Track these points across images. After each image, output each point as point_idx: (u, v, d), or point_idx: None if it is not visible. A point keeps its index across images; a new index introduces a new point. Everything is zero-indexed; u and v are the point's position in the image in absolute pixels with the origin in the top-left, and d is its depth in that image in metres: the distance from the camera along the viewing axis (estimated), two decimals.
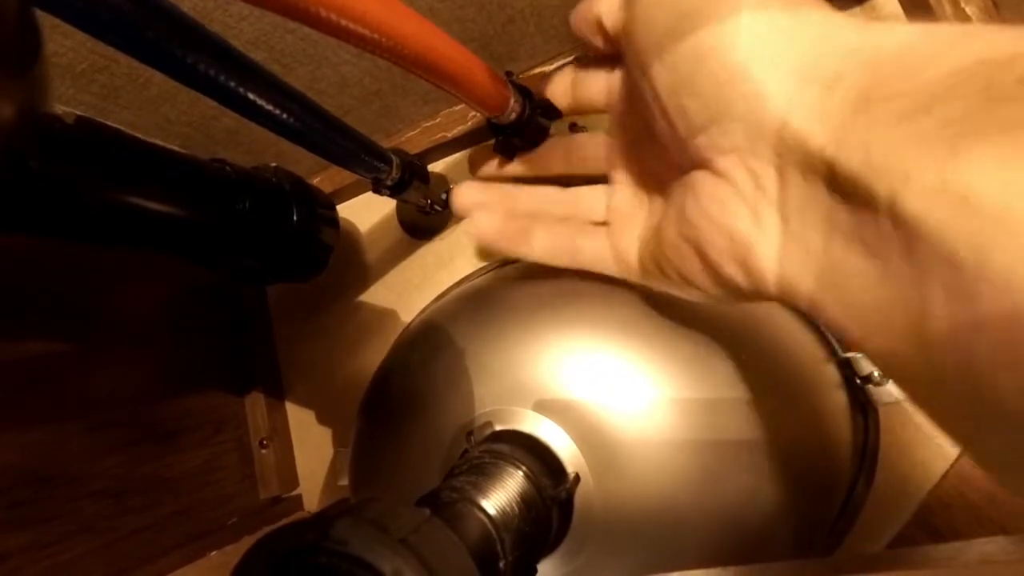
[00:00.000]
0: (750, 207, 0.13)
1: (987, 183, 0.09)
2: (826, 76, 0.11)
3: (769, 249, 0.13)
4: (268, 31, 0.27)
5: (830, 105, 0.11)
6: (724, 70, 0.13)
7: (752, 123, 0.12)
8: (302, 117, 0.21)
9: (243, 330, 0.43)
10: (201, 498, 0.37)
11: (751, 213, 0.13)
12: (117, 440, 0.32)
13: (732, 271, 0.14)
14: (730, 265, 0.14)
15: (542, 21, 0.31)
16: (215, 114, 0.33)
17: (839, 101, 0.11)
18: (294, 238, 0.32)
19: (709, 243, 0.15)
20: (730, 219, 0.14)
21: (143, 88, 0.29)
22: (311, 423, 0.43)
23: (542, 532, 0.18)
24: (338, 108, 0.23)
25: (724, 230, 0.14)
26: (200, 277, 0.41)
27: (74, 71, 0.26)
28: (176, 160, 0.25)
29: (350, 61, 0.31)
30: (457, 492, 0.17)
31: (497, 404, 0.22)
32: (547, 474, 0.19)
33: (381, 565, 0.10)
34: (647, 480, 0.19)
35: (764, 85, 0.12)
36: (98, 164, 0.21)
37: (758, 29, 0.12)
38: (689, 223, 0.15)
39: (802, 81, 0.12)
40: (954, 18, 0.26)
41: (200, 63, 0.15)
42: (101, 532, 0.31)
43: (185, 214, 0.25)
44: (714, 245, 0.14)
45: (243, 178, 0.29)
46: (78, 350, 0.32)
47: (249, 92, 0.17)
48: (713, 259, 0.15)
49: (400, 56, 0.16)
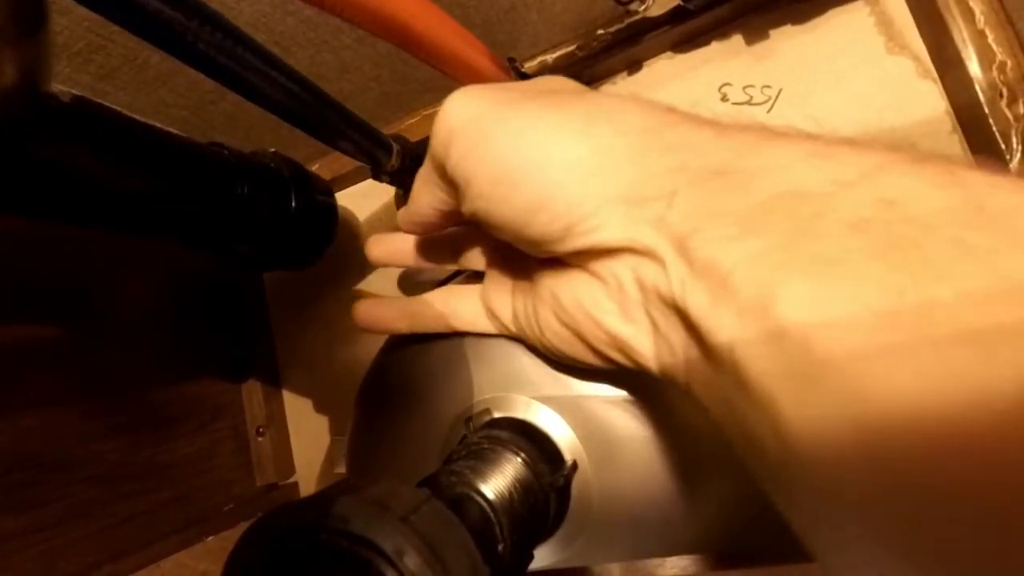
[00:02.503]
0: (619, 305, 0.14)
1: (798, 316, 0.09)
2: (654, 196, 0.12)
3: (643, 344, 0.14)
4: (268, 12, 0.27)
5: (662, 226, 0.12)
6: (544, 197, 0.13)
7: (597, 240, 0.13)
8: (302, 99, 0.20)
9: (240, 318, 0.43)
10: (197, 485, 0.37)
11: (621, 311, 0.14)
12: (114, 426, 0.32)
13: (616, 356, 0.15)
14: (612, 352, 0.15)
15: (544, 8, 0.31)
16: (213, 98, 0.32)
17: (669, 220, 0.12)
18: (292, 224, 0.31)
19: (589, 333, 0.15)
20: (602, 316, 0.14)
21: (141, 69, 0.28)
22: (308, 411, 0.43)
23: (539, 517, 0.18)
24: (338, 93, 0.23)
25: (600, 325, 0.14)
26: (198, 264, 0.41)
27: (71, 50, 0.26)
28: (173, 142, 0.25)
29: (351, 46, 0.31)
30: (456, 476, 0.17)
31: (496, 391, 0.22)
32: (545, 461, 0.19)
33: (382, 543, 0.11)
34: (644, 468, 0.20)
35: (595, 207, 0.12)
36: (95, 144, 0.21)
37: (575, 153, 0.13)
38: (567, 312, 0.15)
39: (630, 203, 0.12)
40: (961, 17, 0.26)
41: (201, 39, 0.15)
42: (97, 517, 0.31)
43: (182, 198, 0.25)
44: (595, 336, 0.15)
45: (241, 163, 0.28)
46: (75, 336, 0.32)
47: (249, 71, 0.17)
48: (596, 347, 0.15)
49: (401, 36, 0.16)
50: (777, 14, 0.31)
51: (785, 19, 0.31)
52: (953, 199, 0.09)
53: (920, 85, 0.28)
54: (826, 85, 0.30)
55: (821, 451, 0.09)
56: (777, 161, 0.11)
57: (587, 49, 0.32)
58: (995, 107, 0.25)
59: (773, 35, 0.31)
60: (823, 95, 0.30)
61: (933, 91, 0.28)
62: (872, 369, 0.08)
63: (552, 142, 0.13)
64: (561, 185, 0.13)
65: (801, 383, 0.09)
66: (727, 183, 0.11)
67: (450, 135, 0.14)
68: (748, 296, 0.10)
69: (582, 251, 0.13)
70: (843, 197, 0.10)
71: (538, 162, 0.13)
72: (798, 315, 0.09)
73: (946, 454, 0.08)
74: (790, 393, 0.09)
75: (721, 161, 0.12)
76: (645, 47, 0.32)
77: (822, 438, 0.09)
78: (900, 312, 0.08)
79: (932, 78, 0.28)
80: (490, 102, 0.14)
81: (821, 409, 0.09)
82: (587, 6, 0.31)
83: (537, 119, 0.13)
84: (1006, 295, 0.08)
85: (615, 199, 0.12)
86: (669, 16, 0.29)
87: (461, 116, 0.14)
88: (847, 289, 0.09)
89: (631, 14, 0.29)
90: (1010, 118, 0.25)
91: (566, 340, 0.16)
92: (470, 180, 0.14)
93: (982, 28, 0.25)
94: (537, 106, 0.13)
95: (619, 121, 0.13)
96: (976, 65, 0.26)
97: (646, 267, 0.12)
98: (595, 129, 0.13)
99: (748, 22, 0.31)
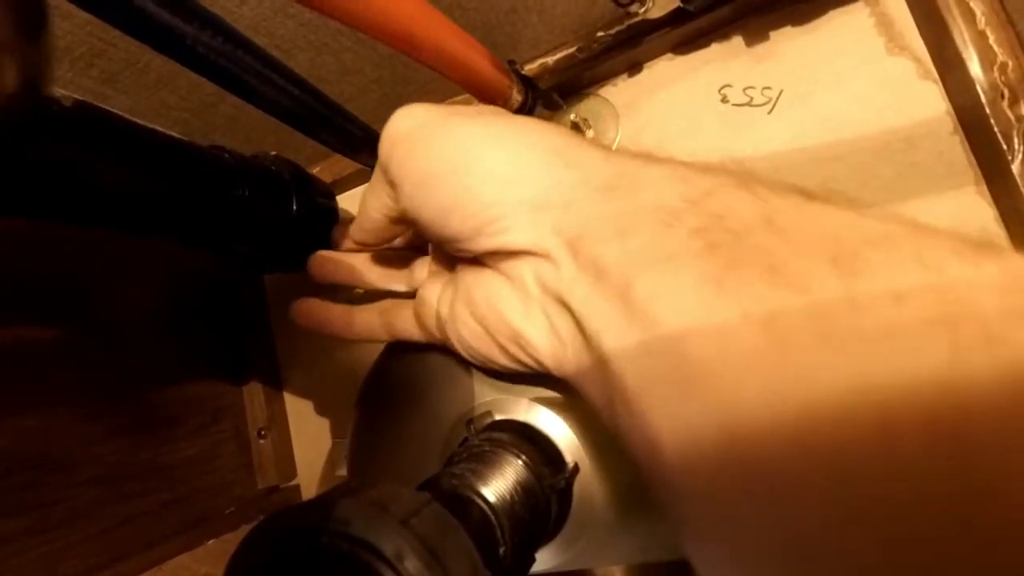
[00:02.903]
0: (522, 303, 0.15)
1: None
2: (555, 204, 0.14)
3: (541, 341, 0.15)
4: (268, 16, 0.27)
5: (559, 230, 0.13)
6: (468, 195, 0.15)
7: (505, 240, 0.14)
8: (303, 102, 0.20)
9: (241, 319, 0.43)
10: (198, 487, 0.36)
11: (524, 309, 0.15)
12: (114, 427, 0.32)
13: (519, 354, 0.16)
14: (516, 349, 0.16)
15: (544, 11, 0.31)
16: (214, 101, 0.32)
17: (566, 225, 0.13)
18: (293, 227, 0.31)
19: (495, 330, 0.16)
20: (507, 312, 0.16)
21: (142, 73, 0.29)
22: (309, 413, 0.43)
23: (541, 520, 0.18)
24: (338, 96, 0.23)
25: (504, 321, 0.16)
26: (199, 266, 0.41)
27: (72, 54, 0.26)
28: (174, 145, 0.25)
29: (351, 49, 0.31)
30: (457, 479, 0.17)
31: (497, 394, 0.22)
32: (546, 463, 0.19)
33: (382, 546, 0.11)
34: None
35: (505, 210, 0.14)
36: (96, 148, 0.21)
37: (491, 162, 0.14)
38: (479, 308, 0.17)
39: (535, 210, 0.14)
40: (961, 18, 0.26)
41: (201, 43, 0.15)
42: (98, 519, 0.31)
43: (183, 200, 0.25)
44: (499, 331, 0.16)
45: (242, 165, 0.28)
46: (75, 337, 0.32)
47: (249, 74, 0.17)
48: (502, 343, 0.16)
49: (401, 40, 0.16)
50: (777, 15, 0.31)
51: (785, 20, 0.31)
52: (754, 213, 0.11)
53: (921, 86, 0.28)
54: (827, 86, 0.30)
55: (662, 443, 0.11)
56: (650, 181, 0.13)
57: (587, 51, 0.32)
58: (996, 108, 0.25)
59: (773, 36, 0.31)
60: (824, 96, 0.30)
61: (934, 92, 0.28)
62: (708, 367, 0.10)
63: (472, 151, 0.15)
64: (475, 189, 0.15)
65: (648, 365, 0.11)
66: (613, 196, 0.13)
67: (392, 141, 0.16)
68: (615, 284, 0.12)
69: (492, 251, 0.15)
70: (689, 211, 0.12)
71: (457, 167, 0.15)
72: (647, 301, 0.11)
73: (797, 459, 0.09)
74: (639, 375, 0.11)
75: (611, 178, 0.14)
76: (645, 49, 0.32)
77: (666, 431, 0.11)
78: (719, 309, 0.10)
79: (933, 79, 0.28)
80: (427, 116, 0.16)
81: (664, 397, 0.11)
82: (587, 8, 0.31)
83: (462, 131, 0.15)
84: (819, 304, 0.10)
85: (522, 205, 0.14)
86: (669, 18, 0.29)
87: (400, 127, 0.16)
88: (677, 277, 0.11)
89: (631, 16, 0.29)
90: (1011, 119, 0.25)
91: (478, 336, 0.17)
92: (402, 181, 0.16)
93: (983, 29, 0.25)
94: (464, 122, 0.16)
95: (533, 140, 0.15)
96: (977, 66, 0.26)
97: (545, 268, 0.14)
98: (511, 144, 0.15)
99: (748, 23, 0.31)
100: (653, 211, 0.12)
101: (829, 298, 0.10)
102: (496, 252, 0.15)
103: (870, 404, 0.09)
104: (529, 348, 0.15)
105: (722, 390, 0.10)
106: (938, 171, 0.28)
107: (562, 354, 0.14)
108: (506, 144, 0.15)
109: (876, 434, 0.09)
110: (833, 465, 0.09)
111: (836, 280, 0.10)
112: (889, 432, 0.08)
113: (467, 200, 0.15)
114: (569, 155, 0.14)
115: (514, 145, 0.15)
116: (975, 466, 0.08)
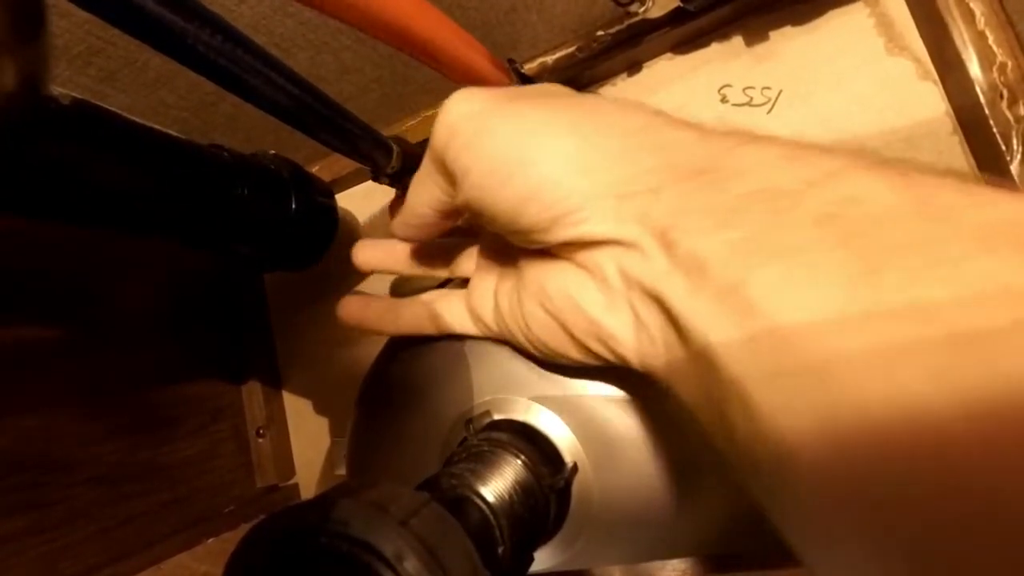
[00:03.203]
0: (604, 296, 0.14)
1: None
2: (640, 192, 0.13)
3: (625, 335, 0.14)
4: (268, 14, 0.27)
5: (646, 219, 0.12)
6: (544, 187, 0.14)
7: (585, 231, 0.13)
8: (302, 102, 0.20)
9: (241, 319, 0.43)
10: (198, 486, 0.37)
11: (606, 301, 0.14)
12: (114, 427, 0.32)
13: (597, 348, 0.15)
14: (594, 343, 0.15)
15: (544, 10, 0.31)
16: (213, 99, 0.32)
17: (654, 214, 0.12)
18: (292, 226, 0.31)
19: (572, 324, 0.15)
20: (587, 305, 0.15)
21: (141, 71, 0.29)
22: (308, 412, 0.43)
23: (540, 520, 0.18)
24: (338, 95, 0.23)
25: (583, 314, 0.15)
26: (198, 265, 0.41)
27: (70, 53, 0.26)
28: (173, 144, 0.25)
29: (350, 47, 0.31)
30: (456, 479, 0.17)
31: (496, 393, 0.22)
32: (545, 463, 0.19)
33: (382, 547, 0.11)
34: (644, 470, 0.20)
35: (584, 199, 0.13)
36: (94, 146, 0.21)
37: (566, 149, 0.13)
38: (553, 302, 0.16)
39: (618, 198, 0.13)
40: (961, 18, 0.26)
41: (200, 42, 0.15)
42: (98, 518, 0.31)
43: (182, 199, 0.25)
44: (578, 326, 0.15)
45: (241, 164, 0.28)
46: (75, 337, 0.32)
47: (249, 73, 0.17)
48: (578, 337, 0.15)
49: (401, 39, 0.16)
50: (777, 15, 0.31)
51: (785, 20, 0.31)
52: (903, 198, 0.10)
53: (920, 86, 0.28)
54: (826, 86, 0.30)
55: (790, 445, 0.10)
56: (752, 162, 0.12)
57: (587, 50, 0.32)
58: (996, 108, 0.25)
59: (773, 36, 0.31)
60: (823, 96, 0.30)
61: (933, 92, 0.28)
62: (846, 367, 0.09)
63: (545, 138, 0.14)
64: (552, 178, 0.14)
65: (771, 367, 0.10)
66: (707, 181, 0.12)
67: (451, 129, 0.15)
68: (721, 281, 0.11)
69: (570, 242, 0.14)
70: (810, 195, 0.10)
71: (531, 156, 0.14)
72: (767, 300, 0.10)
73: (919, 457, 0.08)
74: (759, 378, 0.10)
75: (703, 161, 0.12)
76: (645, 48, 0.32)
77: (794, 432, 0.10)
78: (867, 308, 0.09)
79: (932, 79, 0.28)
80: (488, 101, 0.15)
81: (791, 399, 0.10)
82: (587, 7, 0.31)
83: (531, 117, 0.14)
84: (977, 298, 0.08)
85: (603, 193, 0.13)
86: (669, 17, 0.29)
87: (462, 112, 0.15)
88: (809, 273, 0.10)
89: (631, 15, 0.29)
90: (1010, 119, 0.25)
91: (551, 330, 0.16)
92: (468, 171, 0.15)
93: (982, 29, 0.25)
94: (532, 106, 0.15)
95: (610, 121, 0.14)
96: (976, 66, 0.26)
97: (630, 258, 0.13)
98: (586, 128, 0.14)
99: (748, 23, 0.31)
100: (761, 196, 0.11)
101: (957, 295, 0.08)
102: (573, 243, 0.14)
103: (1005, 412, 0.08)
104: (612, 342, 0.14)
105: (837, 394, 0.09)
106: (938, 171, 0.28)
107: (650, 349, 0.14)
108: (580, 128, 0.14)
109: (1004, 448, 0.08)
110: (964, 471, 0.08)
111: (1008, 274, 0.08)
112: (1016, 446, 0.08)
113: (542, 190, 0.14)
114: (654, 136, 0.13)
115: (589, 128, 0.14)
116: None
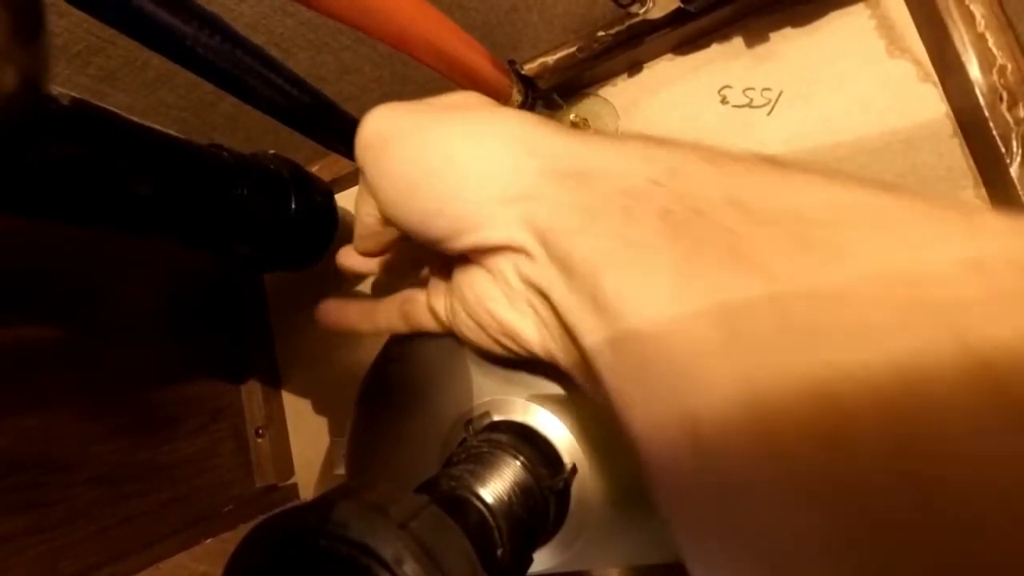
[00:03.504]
0: (507, 297, 0.15)
1: None
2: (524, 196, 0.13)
3: (530, 333, 0.15)
4: (267, 14, 0.27)
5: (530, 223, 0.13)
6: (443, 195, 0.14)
7: (482, 238, 0.14)
8: (301, 102, 0.20)
9: (240, 318, 0.43)
10: (197, 486, 0.37)
11: (509, 302, 0.15)
12: (114, 427, 0.32)
13: (510, 344, 0.16)
14: (507, 341, 0.16)
15: (545, 10, 0.31)
16: (213, 99, 0.32)
17: (537, 218, 0.13)
18: (292, 225, 0.31)
19: (486, 323, 0.16)
20: (493, 306, 0.16)
21: (140, 71, 0.28)
22: (307, 412, 0.43)
23: (539, 521, 0.18)
24: (338, 95, 0.23)
25: (492, 314, 0.16)
26: (198, 265, 0.41)
27: (70, 52, 0.26)
28: (173, 144, 0.25)
29: (350, 47, 0.31)
30: (455, 480, 0.17)
31: (496, 394, 0.22)
32: (544, 464, 0.19)
33: (381, 549, 0.11)
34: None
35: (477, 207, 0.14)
36: (94, 146, 0.21)
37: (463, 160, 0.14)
38: (469, 304, 0.17)
39: (505, 203, 0.14)
40: (961, 20, 0.26)
41: (199, 43, 0.15)
42: (97, 518, 0.31)
43: (182, 199, 0.25)
44: (490, 325, 0.16)
45: (241, 164, 0.28)
46: (75, 337, 0.32)
47: (248, 74, 0.17)
48: (492, 335, 0.16)
49: (401, 39, 0.16)
50: (778, 16, 0.31)
51: (786, 22, 0.31)
52: (719, 189, 0.11)
53: (921, 88, 0.28)
54: (827, 88, 0.30)
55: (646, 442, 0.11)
56: (613, 164, 0.13)
57: (588, 51, 0.32)
58: (995, 111, 0.25)
59: (774, 38, 0.31)
60: (824, 98, 0.30)
61: (934, 94, 0.28)
62: (690, 361, 0.10)
63: (444, 151, 0.14)
64: (452, 190, 0.14)
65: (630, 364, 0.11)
66: (578, 183, 0.13)
67: (363, 147, 0.16)
68: (585, 281, 0.12)
69: (472, 248, 0.15)
70: (655, 193, 0.11)
71: (431, 170, 0.14)
72: (619, 299, 0.11)
73: (760, 462, 0.09)
74: (623, 375, 0.11)
75: (575, 165, 0.13)
76: (645, 49, 0.32)
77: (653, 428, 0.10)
78: (697, 305, 0.10)
79: (933, 81, 0.28)
80: (393, 119, 0.16)
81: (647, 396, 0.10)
82: (588, 8, 0.31)
83: (431, 132, 0.15)
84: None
85: (493, 199, 0.14)
86: (669, 18, 0.29)
87: (372, 129, 0.16)
88: (650, 272, 0.11)
89: (631, 16, 0.29)
90: (1010, 121, 0.25)
91: (472, 330, 0.17)
92: (378, 187, 0.16)
93: (982, 32, 0.25)
94: (433, 120, 0.15)
95: (500, 129, 0.14)
96: (976, 69, 0.26)
97: (522, 261, 0.14)
98: (482, 137, 0.14)
99: (749, 24, 0.31)
100: (617, 197, 0.12)
101: (791, 285, 0.09)
102: (477, 249, 0.15)
103: (827, 401, 0.08)
104: (520, 340, 0.15)
105: (685, 389, 0.10)
106: (938, 173, 0.28)
107: (552, 345, 0.14)
108: (478, 139, 0.14)
109: (831, 432, 0.08)
110: (791, 467, 0.09)
111: (800, 263, 0.09)
112: (843, 431, 0.08)
113: (443, 202, 0.14)
114: (534, 143, 0.14)
115: (485, 139, 0.14)
116: (931, 467, 0.08)
